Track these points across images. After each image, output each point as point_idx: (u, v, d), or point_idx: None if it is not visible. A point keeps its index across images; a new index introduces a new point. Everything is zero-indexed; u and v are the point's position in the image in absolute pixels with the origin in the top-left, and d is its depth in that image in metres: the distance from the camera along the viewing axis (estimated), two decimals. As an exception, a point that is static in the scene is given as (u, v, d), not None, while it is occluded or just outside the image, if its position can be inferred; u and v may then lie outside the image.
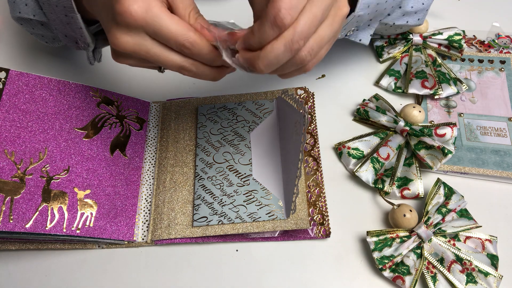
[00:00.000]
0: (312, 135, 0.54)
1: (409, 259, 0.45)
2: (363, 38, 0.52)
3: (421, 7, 0.52)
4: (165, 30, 0.34)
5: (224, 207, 0.49)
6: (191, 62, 0.37)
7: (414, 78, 0.56)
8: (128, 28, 0.34)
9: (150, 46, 0.35)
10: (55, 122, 0.48)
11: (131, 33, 0.35)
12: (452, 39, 0.58)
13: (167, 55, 0.36)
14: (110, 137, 0.52)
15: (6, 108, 0.46)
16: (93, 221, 0.46)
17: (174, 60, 0.36)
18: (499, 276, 0.43)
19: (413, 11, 0.51)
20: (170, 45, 0.35)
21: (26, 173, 0.45)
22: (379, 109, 0.54)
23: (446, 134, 0.50)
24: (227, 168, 0.51)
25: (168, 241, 0.48)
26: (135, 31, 0.34)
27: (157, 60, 0.36)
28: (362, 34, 0.52)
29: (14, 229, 0.42)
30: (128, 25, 0.34)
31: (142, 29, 0.34)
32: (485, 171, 0.50)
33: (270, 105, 0.55)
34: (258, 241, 0.48)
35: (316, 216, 0.49)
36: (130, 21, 0.33)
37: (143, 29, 0.34)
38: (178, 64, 0.37)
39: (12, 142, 0.45)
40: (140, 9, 0.33)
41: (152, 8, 0.33)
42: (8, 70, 0.47)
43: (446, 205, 0.46)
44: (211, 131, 0.54)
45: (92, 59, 0.50)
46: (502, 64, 0.58)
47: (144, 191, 0.52)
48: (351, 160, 0.52)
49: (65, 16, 0.45)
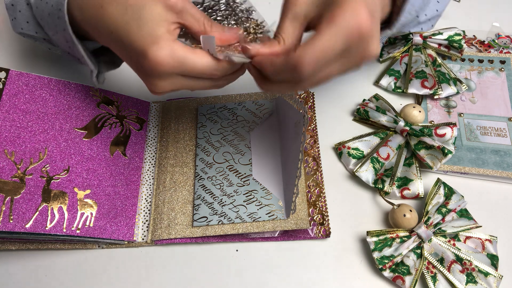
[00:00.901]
0: (312, 135, 0.54)
1: (409, 259, 0.45)
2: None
3: (435, 13, 0.52)
4: (194, 68, 0.36)
5: (224, 207, 0.49)
6: (221, 80, 0.39)
7: (414, 78, 0.56)
8: (159, 76, 0.36)
9: (184, 82, 0.38)
10: (55, 122, 0.48)
11: (164, 79, 0.37)
12: (452, 39, 0.58)
13: (199, 84, 0.39)
14: (110, 137, 0.52)
15: (6, 108, 0.46)
16: (93, 221, 0.46)
17: (207, 85, 0.39)
18: (499, 276, 0.43)
19: (427, 18, 0.51)
20: (201, 77, 0.38)
21: (26, 173, 0.45)
22: (379, 109, 0.54)
23: (446, 134, 0.50)
24: (227, 168, 0.51)
25: (168, 241, 0.48)
26: (167, 76, 0.37)
27: (192, 88, 0.39)
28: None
29: (14, 229, 0.42)
30: (160, 74, 0.36)
31: (173, 73, 0.36)
32: (485, 171, 0.50)
33: (270, 105, 0.55)
34: (258, 241, 0.48)
35: (316, 216, 0.49)
36: (161, 70, 0.35)
37: (174, 72, 0.36)
38: (211, 86, 0.39)
39: (12, 142, 0.45)
40: (167, 57, 0.35)
41: (177, 52, 0.35)
42: (8, 70, 0.47)
43: (446, 205, 0.46)
44: (211, 131, 0.54)
45: (97, 82, 0.48)
46: (502, 64, 0.58)
47: (144, 191, 0.52)
48: (351, 160, 0.52)
49: (66, 42, 0.44)
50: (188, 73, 0.36)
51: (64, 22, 0.42)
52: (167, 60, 0.35)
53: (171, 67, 0.35)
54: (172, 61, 0.35)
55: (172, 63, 0.35)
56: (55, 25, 0.44)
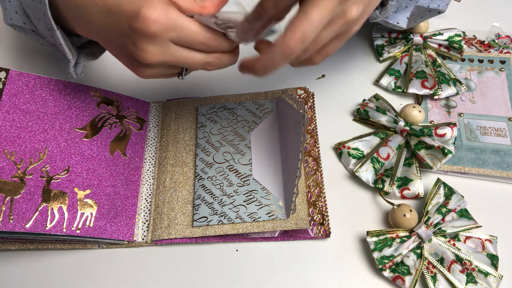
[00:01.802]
0: (312, 135, 0.54)
1: (409, 259, 0.45)
2: (401, 21, 0.53)
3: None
4: (188, 32, 0.35)
5: (224, 207, 0.49)
6: (214, 55, 0.38)
7: (414, 78, 0.56)
8: (151, 38, 0.35)
9: (175, 51, 0.36)
10: (55, 122, 0.48)
11: (156, 43, 0.35)
12: (452, 40, 0.58)
13: (192, 56, 0.37)
14: (110, 137, 0.52)
15: (6, 108, 0.46)
16: (93, 221, 0.46)
17: (199, 59, 0.37)
18: (499, 276, 0.43)
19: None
20: (193, 46, 0.36)
21: (26, 173, 0.45)
22: (379, 109, 0.54)
23: (446, 134, 0.50)
24: (227, 168, 0.51)
25: (168, 241, 0.48)
26: (159, 39, 0.35)
27: (183, 63, 0.37)
28: (400, 16, 0.52)
29: (14, 229, 0.42)
30: (152, 35, 0.34)
31: (166, 36, 0.35)
32: (485, 171, 0.50)
33: (270, 105, 0.55)
34: (258, 241, 0.48)
35: (316, 216, 0.49)
36: (154, 30, 0.34)
37: (167, 36, 0.35)
38: (204, 61, 0.38)
39: (12, 142, 0.45)
40: (160, 16, 0.34)
41: (171, 13, 0.34)
42: (8, 70, 0.47)
43: (446, 205, 0.46)
44: (211, 131, 0.54)
45: (74, 73, 0.48)
46: (502, 64, 0.58)
47: (144, 191, 0.52)
48: (351, 160, 0.52)
49: (48, 30, 0.44)
50: (182, 37, 0.35)
51: (44, 6, 0.41)
52: (162, 18, 0.34)
53: (164, 27, 0.34)
54: (166, 19, 0.34)
55: (166, 22, 0.34)
56: (37, 10, 0.43)
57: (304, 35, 0.32)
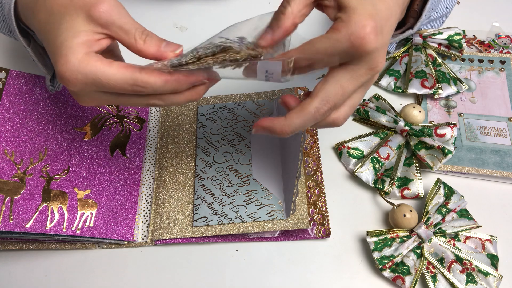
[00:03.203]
0: (312, 135, 0.54)
1: (409, 259, 0.45)
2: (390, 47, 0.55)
3: (446, 11, 0.52)
4: (109, 84, 0.32)
5: (224, 207, 0.49)
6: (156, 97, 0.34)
7: (414, 78, 0.56)
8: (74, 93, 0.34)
9: (107, 97, 0.34)
10: (55, 122, 0.48)
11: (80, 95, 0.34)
12: (452, 39, 0.58)
13: (127, 100, 0.35)
14: (110, 137, 0.52)
15: (6, 108, 0.46)
16: (93, 221, 0.46)
17: (137, 102, 0.35)
18: (499, 276, 0.43)
19: (438, 16, 0.52)
20: (122, 92, 0.33)
21: (26, 173, 0.45)
22: (379, 109, 0.54)
23: (446, 134, 0.50)
24: (227, 168, 0.51)
25: (168, 241, 0.48)
26: (81, 92, 0.34)
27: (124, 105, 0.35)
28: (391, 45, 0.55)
29: (14, 229, 0.42)
30: (72, 91, 0.33)
31: (86, 90, 0.33)
32: (485, 171, 0.50)
33: (270, 105, 0.55)
34: (258, 241, 0.48)
35: (316, 216, 0.49)
36: (71, 87, 0.32)
37: (87, 89, 0.33)
38: (144, 104, 0.35)
39: (12, 142, 0.45)
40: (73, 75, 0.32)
41: (85, 68, 0.32)
42: (8, 70, 0.47)
43: (446, 205, 0.46)
44: (211, 131, 0.54)
45: (52, 87, 0.48)
46: (502, 64, 0.58)
47: (144, 191, 0.52)
48: (351, 160, 0.52)
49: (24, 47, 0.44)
50: (104, 88, 0.32)
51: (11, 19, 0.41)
52: (74, 76, 0.32)
53: (81, 83, 0.32)
54: (80, 76, 0.32)
55: (81, 79, 0.32)
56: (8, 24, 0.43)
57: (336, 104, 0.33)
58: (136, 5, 0.68)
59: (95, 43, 0.34)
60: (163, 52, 0.34)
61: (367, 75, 0.33)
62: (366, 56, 0.31)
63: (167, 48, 0.34)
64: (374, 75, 0.33)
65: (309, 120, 0.33)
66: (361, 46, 0.30)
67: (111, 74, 0.32)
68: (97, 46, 0.34)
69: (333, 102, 0.33)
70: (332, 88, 0.32)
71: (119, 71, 0.32)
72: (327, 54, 0.31)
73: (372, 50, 0.31)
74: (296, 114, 0.33)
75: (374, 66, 0.32)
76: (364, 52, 0.31)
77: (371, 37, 0.30)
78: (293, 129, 0.34)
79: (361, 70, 0.32)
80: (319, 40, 0.31)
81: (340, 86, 0.32)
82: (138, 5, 0.68)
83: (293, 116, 0.34)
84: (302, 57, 0.32)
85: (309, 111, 0.33)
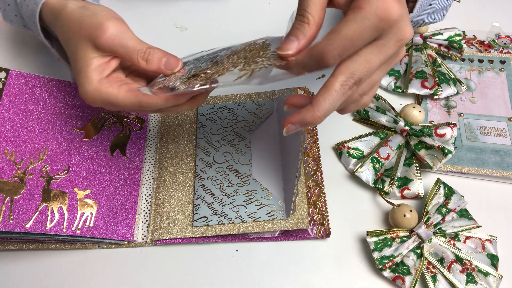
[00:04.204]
0: (312, 135, 0.54)
1: (409, 259, 0.45)
2: None
3: (446, 3, 0.52)
4: (119, 105, 0.39)
5: (224, 207, 0.49)
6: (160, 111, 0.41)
7: (414, 78, 0.56)
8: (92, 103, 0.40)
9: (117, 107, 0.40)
10: (55, 122, 0.48)
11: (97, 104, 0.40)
12: (452, 40, 0.58)
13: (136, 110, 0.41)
14: (110, 137, 0.52)
15: (6, 108, 0.46)
16: (93, 221, 0.46)
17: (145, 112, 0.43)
18: (499, 276, 0.43)
19: (439, 8, 0.51)
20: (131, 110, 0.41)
21: (26, 173, 0.45)
22: (379, 109, 0.54)
23: (446, 134, 0.50)
24: (227, 168, 0.51)
25: (168, 241, 0.48)
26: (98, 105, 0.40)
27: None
28: None
29: (14, 229, 0.42)
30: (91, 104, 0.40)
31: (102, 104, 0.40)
32: (485, 171, 0.50)
33: (270, 105, 0.55)
34: (258, 241, 0.48)
35: (316, 216, 0.49)
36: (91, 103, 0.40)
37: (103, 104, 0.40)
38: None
39: (12, 142, 0.45)
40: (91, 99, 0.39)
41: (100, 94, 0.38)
42: (8, 70, 0.47)
43: (446, 205, 0.46)
44: (211, 131, 0.54)
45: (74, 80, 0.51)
46: (502, 64, 0.58)
47: (144, 191, 0.52)
48: (351, 160, 0.52)
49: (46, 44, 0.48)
50: (117, 106, 0.39)
51: (36, 28, 0.45)
52: (93, 100, 0.39)
53: (99, 104, 0.39)
54: (98, 100, 0.39)
55: (99, 102, 0.39)
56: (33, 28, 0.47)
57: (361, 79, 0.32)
58: (136, 5, 0.68)
59: (106, 66, 0.39)
60: (163, 70, 0.38)
61: (395, 47, 0.32)
62: (394, 27, 0.31)
63: (166, 67, 0.38)
64: (401, 47, 0.33)
65: (337, 99, 0.32)
66: (388, 16, 0.30)
67: (121, 99, 0.38)
68: (108, 69, 0.39)
69: (358, 77, 0.32)
70: (357, 64, 0.32)
71: (126, 95, 0.38)
72: (357, 35, 0.31)
73: (398, 18, 0.31)
74: (322, 96, 0.33)
75: (402, 36, 0.32)
76: (392, 21, 0.31)
77: (395, 6, 0.30)
78: (324, 112, 0.33)
79: (389, 42, 0.32)
80: (344, 25, 0.31)
81: (367, 61, 0.32)
82: (138, 5, 0.68)
83: (319, 99, 0.33)
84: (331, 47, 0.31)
85: (335, 88, 0.32)
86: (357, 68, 0.32)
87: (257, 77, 0.34)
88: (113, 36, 0.38)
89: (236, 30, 0.64)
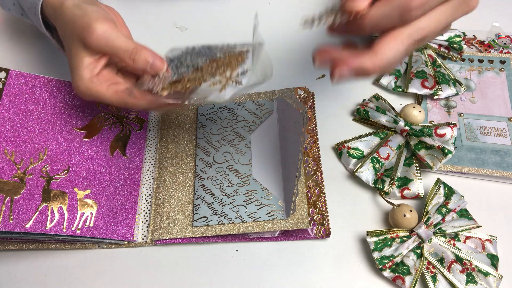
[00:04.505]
0: (312, 135, 0.54)
1: (409, 259, 0.45)
2: None
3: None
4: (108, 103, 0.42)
5: (224, 207, 0.49)
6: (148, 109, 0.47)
7: (414, 78, 0.56)
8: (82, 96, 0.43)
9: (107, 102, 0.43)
10: (55, 122, 0.48)
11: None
12: (452, 41, 0.58)
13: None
14: (110, 137, 0.52)
15: (6, 108, 0.46)
16: (93, 221, 0.46)
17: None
18: (499, 276, 0.43)
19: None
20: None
21: (26, 173, 0.45)
22: (379, 109, 0.54)
23: (446, 134, 0.50)
24: (227, 168, 0.51)
25: (168, 241, 0.48)
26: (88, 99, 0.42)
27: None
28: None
29: (14, 229, 0.42)
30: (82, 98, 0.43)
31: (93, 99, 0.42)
32: (485, 171, 0.50)
33: (270, 105, 0.55)
34: (258, 241, 0.48)
35: (316, 216, 0.49)
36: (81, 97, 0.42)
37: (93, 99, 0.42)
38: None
39: (12, 142, 0.45)
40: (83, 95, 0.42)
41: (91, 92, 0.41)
42: (8, 70, 0.47)
43: (446, 205, 0.46)
44: (211, 131, 0.54)
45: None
46: (502, 64, 0.58)
47: (144, 191, 0.52)
48: (351, 160, 0.52)
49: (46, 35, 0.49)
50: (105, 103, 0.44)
51: (38, 20, 0.47)
52: (84, 95, 0.42)
53: (90, 99, 0.42)
54: (88, 96, 0.41)
55: (89, 97, 0.42)
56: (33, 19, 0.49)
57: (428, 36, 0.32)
58: (136, 5, 0.68)
59: (96, 63, 0.41)
60: (148, 71, 0.41)
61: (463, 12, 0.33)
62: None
63: (152, 69, 0.40)
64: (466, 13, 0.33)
65: (401, 51, 0.31)
66: None
67: (108, 97, 0.41)
68: (98, 67, 0.42)
69: (425, 33, 0.31)
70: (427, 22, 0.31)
71: (113, 95, 0.41)
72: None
73: None
74: (388, 44, 0.31)
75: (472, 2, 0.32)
76: None
77: None
78: (386, 61, 0.31)
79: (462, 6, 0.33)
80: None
81: (437, 20, 0.31)
82: (138, 5, 0.68)
83: (384, 47, 0.31)
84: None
85: (402, 38, 0.31)
86: (427, 26, 0.31)
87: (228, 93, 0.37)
88: (100, 37, 0.40)
89: (236, 30, 0.64)
